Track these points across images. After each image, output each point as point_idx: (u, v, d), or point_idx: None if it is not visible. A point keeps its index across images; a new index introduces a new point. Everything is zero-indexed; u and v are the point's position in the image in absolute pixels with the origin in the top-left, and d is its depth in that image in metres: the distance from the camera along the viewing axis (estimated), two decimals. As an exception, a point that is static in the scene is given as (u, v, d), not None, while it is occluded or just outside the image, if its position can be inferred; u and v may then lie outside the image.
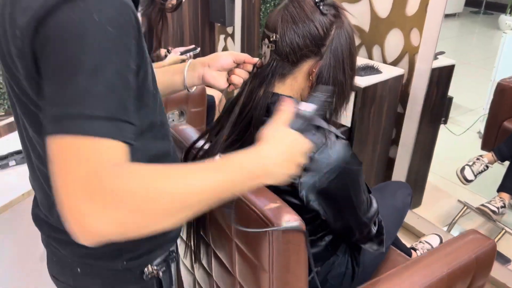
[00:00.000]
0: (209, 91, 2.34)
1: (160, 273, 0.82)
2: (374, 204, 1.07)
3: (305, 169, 0.90)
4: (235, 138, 0.99)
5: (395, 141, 2.22)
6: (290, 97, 0.98)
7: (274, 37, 0.94)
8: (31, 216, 0.85)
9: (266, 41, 0.95)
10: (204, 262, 1.12)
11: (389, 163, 2.28)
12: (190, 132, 1.09)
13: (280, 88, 0.98)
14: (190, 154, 1.02)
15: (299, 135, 0.75)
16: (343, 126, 1.94)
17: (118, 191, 0.52)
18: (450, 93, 2.49)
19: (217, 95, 2.39)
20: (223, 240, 0.97)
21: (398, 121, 2.16)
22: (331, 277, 1.10)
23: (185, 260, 1.27)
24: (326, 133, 0.93)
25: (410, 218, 2.22)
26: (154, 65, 1.03)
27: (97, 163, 0.52)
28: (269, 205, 0.84)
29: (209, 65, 0.99)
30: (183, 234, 1.16)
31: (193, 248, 1.11)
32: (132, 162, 0.56)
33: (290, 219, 0.82)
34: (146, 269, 0.80)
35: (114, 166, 0.53)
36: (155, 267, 0.81)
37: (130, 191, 0.52)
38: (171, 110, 2.09)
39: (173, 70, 1.04)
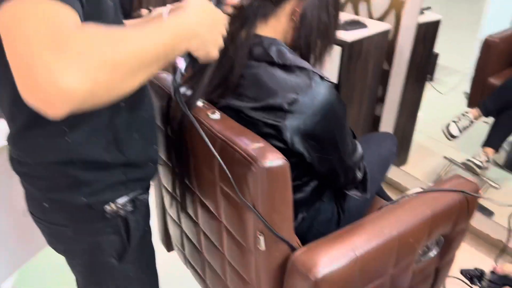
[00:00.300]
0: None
1: (123, 213, 0.82)
2: (359, 149, 1.07)
3: (290, 111, 0.89)
4: (218, 83, 0.97)
5: (381, 99, 2.22)
6: (274, 39, 0.95)
7: None
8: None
9: None
10: (190, 211, 1.12)
11: (375, 121, 2.28)
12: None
13: (263, 29, 0.96)
14: (173, 101, 1.00)
15: (216, 8, 0.81)
16: (330, 81, 1.92)
17: (85, 42, 0.51)
18: (437, 51, 2.49)
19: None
20: (208, 186, 0.96)
21: (384, 78, 2.15)
22: (317, 222, 1.11)
23: (171, 212, 1.27)
24: (310, 75, 0.91)
25: (397, 174, 2.25)
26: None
27: (60, 21, 0.51)
28: (253, 145, 0.83)
29: None
30: (168, 185, 1.16)
31: (178, 197, 1.10)
32: None
33: (274, 158, 0.81)
34: (107, 206, 0.80)
35: (76, 25, 0.53)
36: (119, 206, 0.81)
37: (97, 43, 0.52)
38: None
39: (152, 19, 1.01)
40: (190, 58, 0.77)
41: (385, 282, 1.02)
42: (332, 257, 0.89)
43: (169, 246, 1.46)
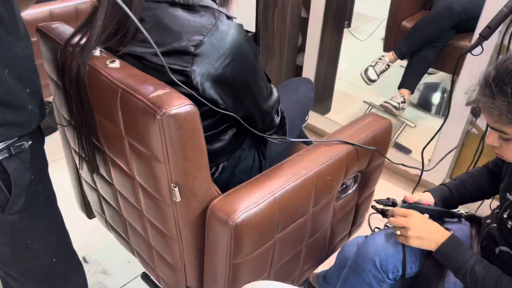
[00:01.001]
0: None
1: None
2: (275, 93, 1.05)
3: (196, 55, 0.83)
4: (115, 28, 0.88)
5: (301, 49, 2.22)
6: None
7: None
8: None
9: None
10: (102, 171, 1.05)
11: (297, 71, 2.29)
12: (65, 30, 0.97)
13: None
14: (67, 52, 0.90)
15: None
16: (248, 32, 1.88)
17: None
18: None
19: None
20: (116, 142, 0.90)
21: (303, 26, 2.14)
22: (238, 171, 1.09)
23: (84, 175, 1.19)
24: (215, 14, 0.86)
25: (320, 122, 2.29)
26: None
27: None
28: (156, 92, 0.78)
29: None
30: (76, 147, 1.07)
31: (87, 157, 1.02)
32: None
33: (180, 104, 0.77)
34: None
35: None
36: None
37: None
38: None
39: None
40: None
41: (307, 222, 1.04)
42: (250, 201, 0.88)
43: (89, 214, 1.39)
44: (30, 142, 0.83)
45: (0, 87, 0.74)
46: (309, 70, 2.21)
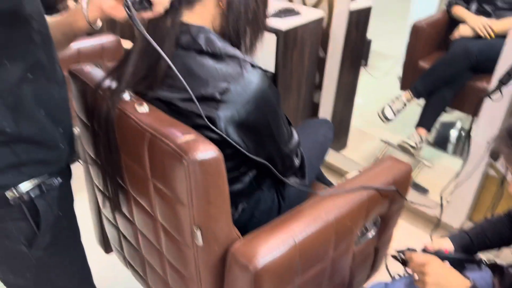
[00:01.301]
0: (126, 44, 2.21)
1: (28, 198, 0.79)
2: (295, 136, 1.07)
3: (222, 101, 0.86)
4: (144, 73, 0.92)
5: (319, 86, 2.25)
6: (201, 26, 0.92)
7: None
8: None
9: None
10: (124, 210, 1.06)
11: (314, 108, 2.32)
12: (96, 73, 1.01)
13: (189, 17, 0.92)
14: (98, 95, 0.94)
15: None
16: (267, 71, 1.92)
17: None
18: (370, 37, 2.56)
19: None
20: (140, 183, 0.92)
21: (320, 65, 2.18)
22: (258, 212, 1.10)
23: (106, 212, 1.21)
24: (241, 63, 0.89)
25: (336, 159, 2.30)
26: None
27: None
28: (184, 137, 0.80)
29: None
30: (100, 185, 1.10)
31: (111, 196, 1.04)
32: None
33: (206, 150, 0.79)
34: (9, 192, 0.77)
35: None
36: (22, 192, 0.78)
37: None
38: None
39: (73, 10, 0.96)
40: None
41: (327, 266, 1.04)
42: (271, 246, 0.88)
43: (107, 248, 1.40)
44: (59, 180, 0.86)
45: (35, 127, 0.78)
46: (326, 107, 2.24)
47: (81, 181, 1.27)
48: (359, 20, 2.15)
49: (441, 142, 2.59)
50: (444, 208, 1.64)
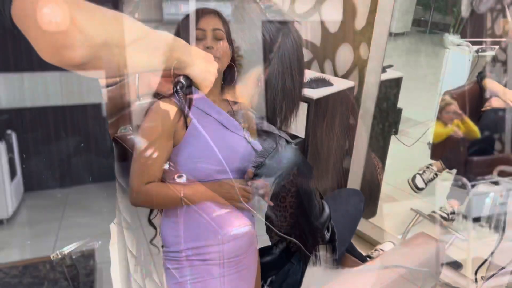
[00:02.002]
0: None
1: (70, 261, 0.81)
2: (326, 209, 1.08)
3: (257, 175, 0.89)
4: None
5: (348, 152, 2.27)
6: (240, 103, 0.97)
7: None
8: None
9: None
10: (155, 277, 1.07)
11: (344, 174, 2.32)
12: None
13: (230, 94, 0.97)
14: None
15: None
16: (298, 137, 1.96)
17: None
18: (400, 105, 2.59)
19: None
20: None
21: (350, 132, 2.21)
22: (286, 285, 1.09)
23: (136, 276, 1.22)
24: (276, 139, 0.93)
25: (366, 227, 2.26)
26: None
27: None
28: (219, 211, 0.82)
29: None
30: (133, 249, 1.12)
31: (143, 262, 1.06)
32: None
33: (241, 224, 0.81)
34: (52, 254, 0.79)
35: None
36: (65, 253, 0.80)
37: None
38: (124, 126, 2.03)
39: (124, 84, 1.03)
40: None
41: None
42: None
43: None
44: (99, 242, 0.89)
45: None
46: (356, 174, 2.24)
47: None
48: (390, 90, 2.20)
49: (474, 214, 2.52)
50: (479, 285, 1.57)
